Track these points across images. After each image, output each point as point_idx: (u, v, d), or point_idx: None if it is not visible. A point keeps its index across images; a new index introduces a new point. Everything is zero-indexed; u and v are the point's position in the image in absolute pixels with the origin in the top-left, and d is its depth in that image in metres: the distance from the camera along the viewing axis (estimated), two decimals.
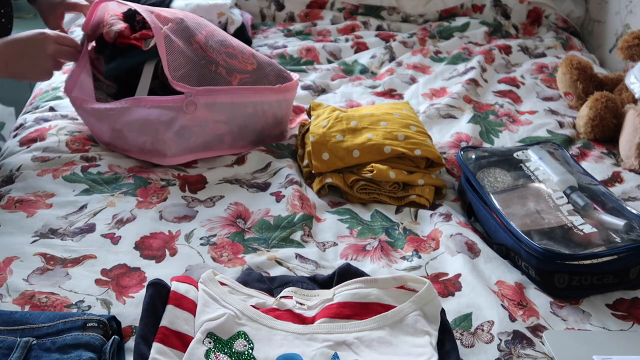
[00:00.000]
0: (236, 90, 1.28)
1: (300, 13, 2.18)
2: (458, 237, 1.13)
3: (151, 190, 1.21)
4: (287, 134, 1.43)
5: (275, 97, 1.34)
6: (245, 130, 1.33)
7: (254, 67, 1.33)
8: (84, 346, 0.83)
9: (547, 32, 2.14)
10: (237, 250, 1.08)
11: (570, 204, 1.13)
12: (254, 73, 1.32)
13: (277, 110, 1.36)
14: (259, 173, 1.29)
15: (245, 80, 1.30)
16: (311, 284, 0.98)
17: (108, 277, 1.00)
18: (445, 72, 1.82)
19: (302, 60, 1.86)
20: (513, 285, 1.03)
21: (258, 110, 1.32)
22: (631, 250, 1.01)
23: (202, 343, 0.84)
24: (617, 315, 1.00)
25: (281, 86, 1.35)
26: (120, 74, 1.36)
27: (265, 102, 1.33)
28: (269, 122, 1.36)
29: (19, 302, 0.94)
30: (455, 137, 1.47)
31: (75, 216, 1.13)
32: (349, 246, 1.12)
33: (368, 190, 1.24)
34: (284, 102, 1.38)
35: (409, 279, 0.94)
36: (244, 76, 1.30)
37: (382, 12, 2.19)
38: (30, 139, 1.34)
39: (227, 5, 1.90)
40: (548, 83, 1.78)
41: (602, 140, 1.50)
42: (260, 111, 1.33)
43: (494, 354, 0.90)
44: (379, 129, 1.30)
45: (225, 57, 1.29)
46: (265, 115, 1.34)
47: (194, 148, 1.28)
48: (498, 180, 1.21)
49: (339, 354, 0.85)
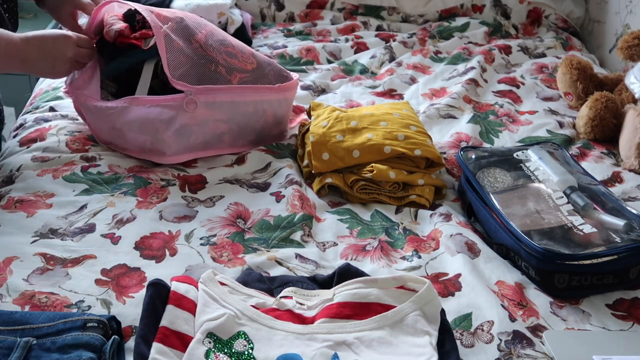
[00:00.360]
0: (236, 89, 1.28)
1: (300, 13, 2.18)
2: (458, 237, 1.13)
3: (151, 190, 1.21)
4: (287, 133, 1.43)
5: (275, 97, 1.34)
6: (245, 129, 1.33)
7: (254, 67, 1.33)
8: (84, 346, 0.83)
9: (547, 32, 2.14)
10: (237, 250, 1.08)
11: (570, 204, 1.13)
12: (254, 72, 1.32)
13: (277, 110, 1.36)
14: (258, 173, 1.29)
15: (245, 80, 1.30)
16: (311, 284, 0.98)
17: (108, 277, 1.00)
18: (445, 72, 1.82)
19: (302, 60, 1.86)
20: (513, 285, 1.03)
21: (258, 109, 1.32)
22: (631, 250, 1.01)
23: (202, 343, 0.84)
24: (617, 315, 1.00)
25: (281, 85, 1.35)
26: (121, 73, 1.36)
27: (265, 101, 1.33)
28: (268, 121, 1.36)
29: (19, 302, 0.94)
30: (455, 137, 1.47)
31: (75, 216, 1.13)
32: (349, 246, 1.12)
33: (368, 190, 1.24)
34: (284, 102, 1.38)
35: (409, 279, 0.94)
36: (244, 75, 1.30)
37: (382, 12, 2.19)
38: (30, 139, 1.34)
39: (227, 5, 1.90)
40: (548, 83, 1.78)
41: (602, 140, 1.50)
42: (260, 110, 1.33)
43: (494, 354, 0.90)
44: (379, 129, 1.30)
45: (225, 57, 1.29)
46: (265, 114, 1.34)
47: (193, 147, 1.28)
48: (498, 180, 1.21)
49: (339, 354, 0.85)
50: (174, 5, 1.86)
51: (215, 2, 1.88)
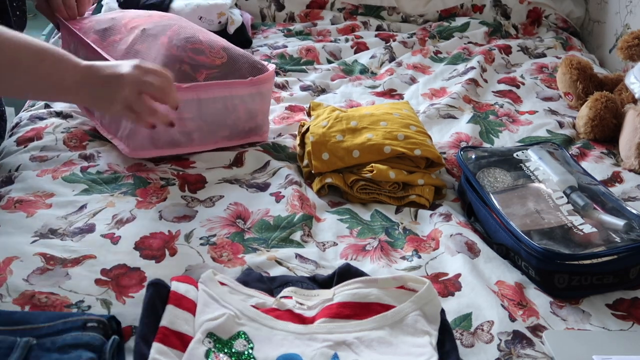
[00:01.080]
0: (201, 86, 1.26)
1: (300, 13, 2.18)
2: (458, 237, 1.13)
3: (151, 190, 1.21)
4: (266, 127, 1.40)
5: (247, 91, 1.31)
6: (215, 125, 1.30)
7: (224, 61, 1.30)
8: (84, 346, 0.83)
9: (547, 32, 2.14)
10: (237, 250, 1.08)
11: (570, 204, 1.13)
12: (224, 67, 1.30)
13: (249, 104, 1.33)
14: (258, 173, 1.29)
15: (212, 76, 1.28)
16: (311, 284, 0.98)
17: (108, 277, 1.00)
18: (445, 72, 1.82)
19: (302, 60, 1.86)
20: (513, 285, 1.03)
21: (228, 104, 1.30)
22: (631, 250, 1.01)
23: (202, 343, 0.84)
24: (617, 315, 1.00)
25: (253, 79, 1.31)
26: None
27: (235, 96, 1.30)
28: (240, 116, 1.33)
29: (19, 302, 0.94)
30: (455, 137, 1.47)
31: (75, 216, 1.13)
32: (349, 246, 1.12)
33: (368, 190, 1.24)
34: (257, 95, 1.34)
35: (409, 279, 0.94)
36: (211, 71, 1.28)
37: (382, 12, 2.19)
38: (27, 138, 1.34)
39: (227, 5, 1.90)
40: (548, 83, 1.78)
41: (602, 140, 1.50)
42: (230, 106, 1.30)
43: (494, 354, 0.90)
44: (379, 129, 1.30)
45: (190, 54, 1.27)
46: (236, 109, 1.31)
47: (161, 145, 1.27)
48: (498, 180, 1.21)
49: (339, 354, 0.85)
50: (174, 6, 1.86)
51: (215, 2, 1.88)
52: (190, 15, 1.79)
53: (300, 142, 1.37)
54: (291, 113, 1.53)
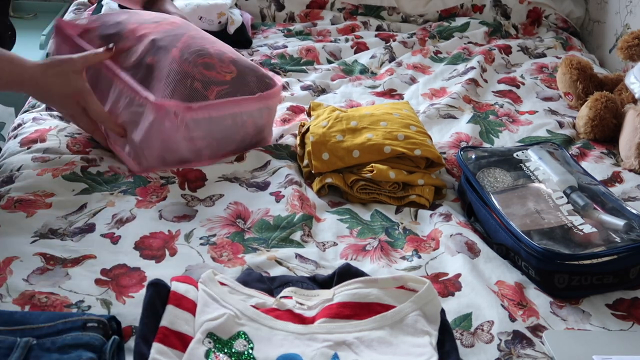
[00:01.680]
0: (213, 105, 1.24)
1: (300, 13, 2.18)
2: (458, 237, 1.13)
3: (151, 189, 1.21)
4: (270, 138, 1.40)
5: (256, 106, 1.30)
6: (224, 142, 1.29)
7: (233, 76, 1.28)
8: (84, 346, 0.83)
9: (547, 32, 2.14)
10: (237, 250, 1.08)
11: (570, 204, 1.13)
12: (234, 82, 1.27)
13: (257, 119, 1.32)
14: (258, 171, 1.29)
15: (223, 92, 1.25)
16: (311, 284, 0.98)
17: (108, 277, 1.00)
18: (445, 72, 1.82)
19: (302, 61, 1.86)
20: (513, 285, 1.03)
21: (237, 121, 1.29)
22: (631, 250, 1.01)
23: (202, 343, 0.84)
24: (617, 315, 1.00)
25: (262, 95, 1.29)
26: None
27: (244, 112, 1.29)
28: (249, 131, 1.32)
29: (19, 302, 0.94)
30: (455, 137, 1.47)
31: (74, 216, 1.13)
32: (349, 246, 1.12)
33: (368, 190, 1.24)
34: (265, 110, 1.33)
35: (409, 279, 0.94)
36: (222, 88, 1.25)
37: (382, 12, 2.19)
38: (31, 139, 1.34)
39: (227, 5, 1.90)
40: (548, 83, 1.78)
41: (602, 140, 1.50)
42: (239, 122, 1.29)
43: (494, 354, 0.90)
44: (379, 129, 1.30)
45: (201, 69, 1.25)
46: (245, 125, 1.30)
47: (170, 163, 1.26)
48: (498, 180, 1.21)
49: (339, 354, 0.85)
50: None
51: (215, 2, 1.88)
52: (190, 15, 1.78)
53: (300, 142, 1.37)
54: (293, 114, 1.53)
